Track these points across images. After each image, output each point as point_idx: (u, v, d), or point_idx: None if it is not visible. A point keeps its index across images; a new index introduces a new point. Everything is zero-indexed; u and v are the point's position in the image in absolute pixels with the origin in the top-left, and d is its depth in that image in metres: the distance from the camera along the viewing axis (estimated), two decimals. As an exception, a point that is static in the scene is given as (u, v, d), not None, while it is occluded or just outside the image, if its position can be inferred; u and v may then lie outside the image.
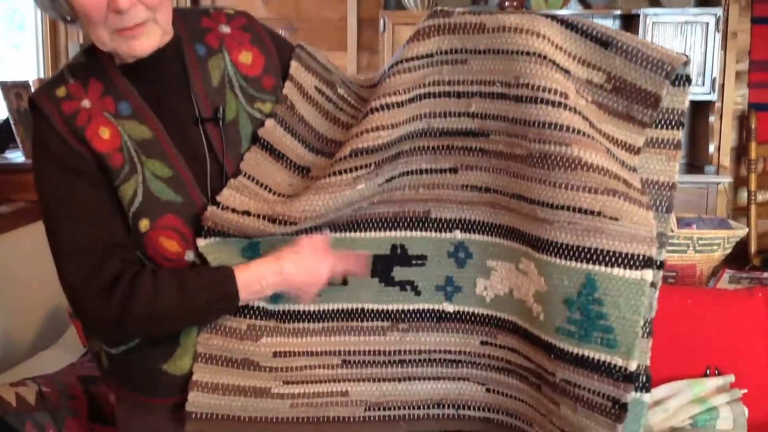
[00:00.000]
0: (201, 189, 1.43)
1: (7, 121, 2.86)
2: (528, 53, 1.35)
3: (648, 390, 1.39)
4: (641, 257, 1.29)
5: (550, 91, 1.33)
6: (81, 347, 2.52)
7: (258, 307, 1.48)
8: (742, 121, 4.43)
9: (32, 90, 2.95)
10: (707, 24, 4.11)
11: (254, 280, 1.39)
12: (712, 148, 4.23)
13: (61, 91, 1.41)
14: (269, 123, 1.48)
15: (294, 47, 1.56)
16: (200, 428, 1.47)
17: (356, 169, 1.42)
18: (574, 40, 1.38)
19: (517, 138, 1.39)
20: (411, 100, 1.44)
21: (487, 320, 1.52)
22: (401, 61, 1.44)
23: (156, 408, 1.49)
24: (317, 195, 1.41)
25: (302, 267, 1.41)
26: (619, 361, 1.32)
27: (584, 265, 1.33)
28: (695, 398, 2.22)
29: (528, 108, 1.35)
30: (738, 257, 3.63)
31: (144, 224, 1.38)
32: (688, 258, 2.47)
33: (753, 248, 4.14)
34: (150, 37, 1.37)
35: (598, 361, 1.34)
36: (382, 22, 4.21)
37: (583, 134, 1.32)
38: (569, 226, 1.33)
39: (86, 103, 1.40)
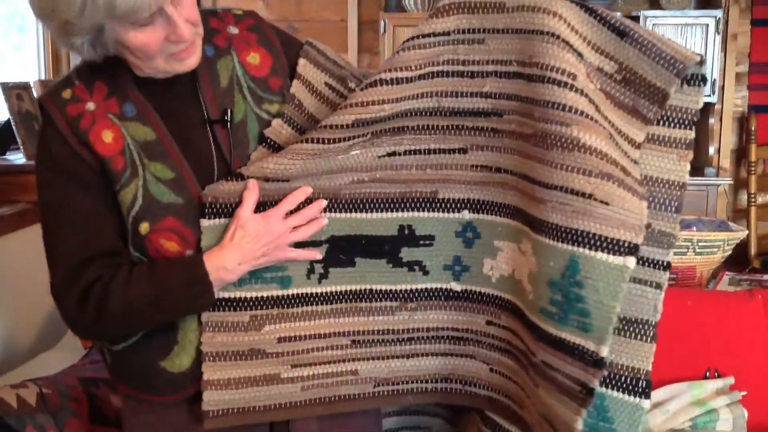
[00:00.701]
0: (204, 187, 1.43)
1: (8, 122, 2.86)
2: (542, 32, 1.34)
3: (648, 396, 1.39)
4: (626, 244, 1.28)
5: (558, 70, 1.32)
6: (82, 349, 2.52)
7: (260, 297, 1.48)
8: (742, 123, 4.43)
9: (33, 91, 2.96)
10: (707, 26, 4.12)
11: (220, 262, 1.39)
12: (712, 150, 4.23)
13: (66, 94, 1.42)
14: (276, 123, 1.48)
15: (302, 44, 1.56)
16: (218, 425, 1.47)
17: (353, 138, 1.42)
18: (591, 26, 1.38)
19: (527, 117, 1.39)
20: (421, 77, 1.43)
21: (492, 300, 1.52)
22: (417, 37, 1.44)
23: (157, 406, 1.49)
24: (310, 158, 1.41)
25: (254, 232, 1.40)
26: (591, 346, 1.31)
27: (569, 247, 1.32)
28: (695, 400, 2.21)
29: (536, 87, 1.35)
30: (738, 259, 3.63)
31: (144, 227, 1.39)
32: (687, 260, 2.47)
33: (753, 250, 4.14)
34: (198, 51, 1.40)
35: (573, 344, 1.33)
36: (382, 23, 4.22)
37: (586, 116, 1.31)
38: (560, 206, 1.33)
39: (90, 105, 1.41)
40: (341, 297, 1.53)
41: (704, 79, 1.37)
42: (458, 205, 1.51)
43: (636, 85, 1.35)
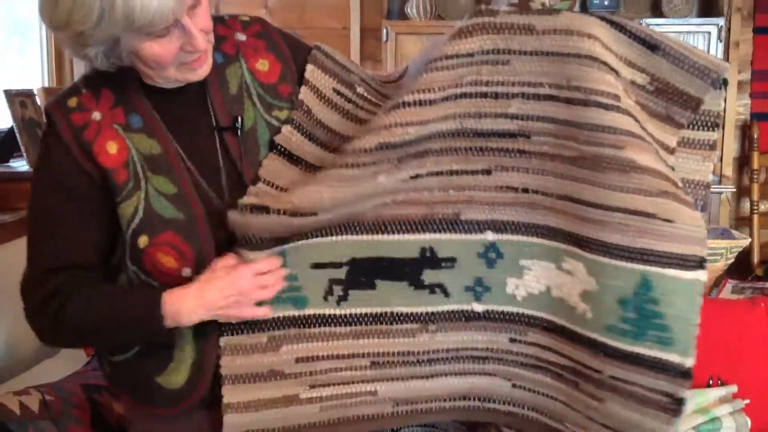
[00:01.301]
0: (214, 200, 1.43)
1: (11, 129, 2.86)
2: (579, 55, 1.36)
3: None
4: (696, 258, 1.33)
5: (602, 94, 1.34)
6: (84, 356, 2.52)
7: (276, 318, 1.48)
8: (745, 130, 4.42)
9: (37, 99, 2.96)
10: (709, 33, 4.12)
11: (180, 305, 1.37)
12: (714, 158, 4.22)
13: (72, 102, 1.42)
14: (286, 129, 1.48)
15: (311, 48, 1.56)
16: None
17: (379, 162, 1.41)
18: (623, 42, 1.40)
19: (567, 140, 1.40)
20: (445, 99, 1.43)
21: (517, 318, 1.53)
22: (440, 58, 1.43)
23: (159, 416, 1.49)
24: (337, 186, 1.40)
25: (219, 286, 1.38)
26: (676, 359, 1.36)
27: (639, 266, 1.35)
28: (698, 408, 2.21)
29: (580, 110, 1.37)
30: (740, 267, 3.62)
31: (143, 240, 1.38)
32: (690, 268, 2.46)
33: (756, 258, 4.13)
34: (210, 60, 1.40)
35: (654, 358, 1.37)
36: (385, 31, 4.22)
37: (635, 136, 1.35)
38: (624, 227, 1.35)
39: (96, 115, 1.40)
40: (361, 319, 1.52)
41: (726, 82, 1.40)
42: (481, 227, 1.52)
43: (669, 94, 1.39)
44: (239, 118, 1.45)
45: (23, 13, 3.57)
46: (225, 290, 1.38)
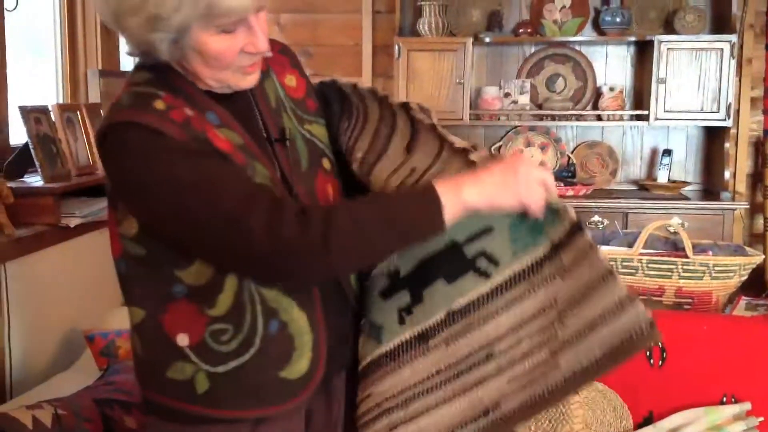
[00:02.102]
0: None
1: (26, 145, 2.88)
2: None
3: None
4: None
5: None
6: (97, 370, 2.53)
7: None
8: (758, 147, 4.42)
9: (51, 115, 2.98)
10: (722, 50, 4.12)
11: (454, 184, 1.35)
12: (727, 175, 4.22)
13: (159, 105, 1.33)
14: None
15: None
16: None
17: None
18: None
19: None
20: None
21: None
22: None
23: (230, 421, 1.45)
24: None
25: (498, 167, 1.38)
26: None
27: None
28: (711, 426, 2.20)
29: None
30: (754, 284, 3.61)
31: None
32: (704, 285, 2.46)
33: (769, 275, 4.12)
34: (260, 69, 1.40)
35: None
36: (396, 48, 4.24)
37: None
38: None
39: (188, 111, 1.34)
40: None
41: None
42: None
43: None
44: (287, 130, 1.46)
45: (38, 31, 3.60)
46: (505, 169, 1.37)
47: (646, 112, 4.25)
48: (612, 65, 4.53)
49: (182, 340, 1.41)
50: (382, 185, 1.53)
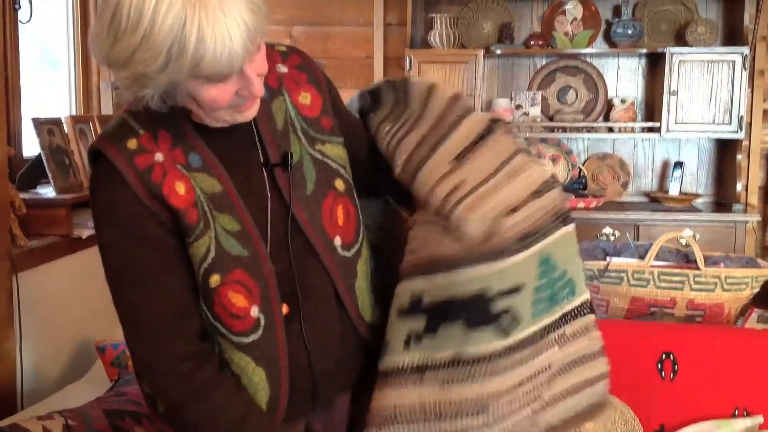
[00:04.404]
0: (263, 238, 1.40)
1: (39, 156, 2.90)
2: None
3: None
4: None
5: None
6: (108, 381, 2.53)
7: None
8: (770, 159, 4.41)
9: (64, 127, 3.00)
10: (734, 62, 4.12)
11: None
12: (739, 187, 4.21)
13: (131, 144, 1.35)
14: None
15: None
16: None
17: None
18: None
19: None
20: None
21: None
22: None
23: None
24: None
25: None
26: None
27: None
28: (724, 439, 2.19)
29: None
30: (766, 296, 3.58)
31: (215, 279, 1.35)
32: (716, 297, 2.44)
33: (782, 288, 4.09)
34: (258, 102, 1.37)
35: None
36: (408, 60, 4.25)
37: None
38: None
39: (159, 156, 1.35)
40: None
41: None
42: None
43: None
44: (290, 154, 1.44)
45: (52, 43, 3.63)
46: None
47: (657, 124, 4.24)
48: (623, 77, 4.53)
49: None
50: (425, 194, 1.47)
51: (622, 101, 4.40)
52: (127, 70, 1.23)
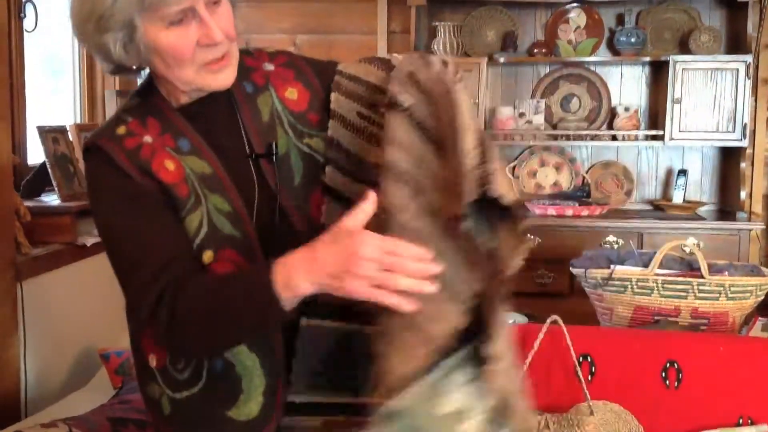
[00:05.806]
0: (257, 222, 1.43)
1: (43, 165, 2.91)
2: None
3: None
4: None
5: None
6: (111, 389, 2.53)
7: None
8: (774, 167, 4.40)
9: (69, 135, 3.01)
10: (737, 70, 4.12)
11: (289, 272, 1.23)
12: (743, 195, 4.21)
13: (121, 130, 1.41)
14: (328, 169, 1.48)
15: (335, 68, 1.56)
16: None
17: None
18: None
19: None
20: None
21: None
22: None
23: None
24: None
25: (333, 249, 1.20)
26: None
27: None
28: (728, 448, 2.18)
29: None
30: (771, 305, 3.58)
31: (208, 255, 1.38)
32: (720, 305, 2.44)
33: (786, 296, 4.08)
34: (233, 69, 1.41)
35: None
36: (412, 68, 4.25)
37: None
38: None
39: (148, 138, 1.40)
40: None
41: None
42: None
43: None
44: (274, 145, 1.46)
45: (57, 52, 3.64)
46: (339, 253, 1.19)
47: (661, 132, 4.24)
48: (627, 85, 4.53)
49: (152, 361, 1.47)
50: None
51: (626, 109, 4.40)
52: (91, 21, 1.31)
